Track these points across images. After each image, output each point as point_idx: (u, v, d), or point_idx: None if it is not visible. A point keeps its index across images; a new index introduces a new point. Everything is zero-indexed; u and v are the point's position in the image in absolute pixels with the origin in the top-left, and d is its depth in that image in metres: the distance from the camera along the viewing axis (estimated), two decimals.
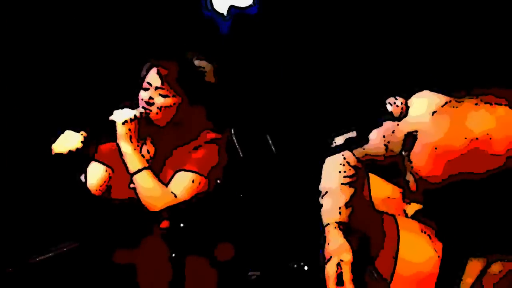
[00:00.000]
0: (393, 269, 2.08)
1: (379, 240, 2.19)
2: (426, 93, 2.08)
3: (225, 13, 3.91)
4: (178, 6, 3.56)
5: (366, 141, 2.00)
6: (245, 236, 2.93)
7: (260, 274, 2.86)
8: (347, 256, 2.16)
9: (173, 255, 2.33)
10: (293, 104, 3.35)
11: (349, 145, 2.06)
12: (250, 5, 3.83)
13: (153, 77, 2.68)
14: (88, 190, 2.71)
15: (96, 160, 2.79)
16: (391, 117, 1.98)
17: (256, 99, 3.47)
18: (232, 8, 3.82)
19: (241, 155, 2.88)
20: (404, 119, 2.01)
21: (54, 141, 2.53)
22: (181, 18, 3.56)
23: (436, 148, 1.84)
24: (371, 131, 2.00)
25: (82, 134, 2.53)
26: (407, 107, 1.96)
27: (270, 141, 3.06)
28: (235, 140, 2.91)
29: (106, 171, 2.78)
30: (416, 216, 2.16)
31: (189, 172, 2.66)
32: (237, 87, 3.49)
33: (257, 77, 3.50)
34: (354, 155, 2.27)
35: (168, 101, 2.68)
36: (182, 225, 2.14)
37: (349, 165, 2.28)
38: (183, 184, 2.64)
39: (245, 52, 3.59)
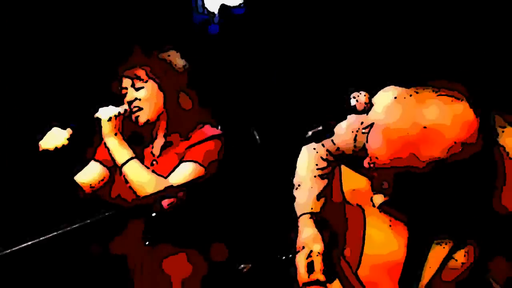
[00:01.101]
0: (360, 258, 2.15)
1: (347, 230, 2.26)
2: (391, 87, 2.12)
3: (216, 12, 4.00)
4: (168, 6, 3.63)
5: (332, 134, 2.07)
6: (232, 230, 3.01)
7: (251, 266, 2.90)
8: (318, 247, 2.22)
9: (147, 243, 2.38)
10: (276, 99, 3.43)
11: (316, 139, 2.13)
12: (240, 4, 3.91)
13: (125, 81, 2.77)
14: (80, 187, 2.77)
15: (95, 160, 2.85)
16: (355, 111, 2.07)
17: (242, 95, 3.54)
18: (222, 7, 3.90)
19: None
20: (372, 111, 2.10)
21: (41, 138, 2.60)
22: (171, 17, 3.62)
23: (387, 131, 1.83)
24: (335, 125, 2.08)
25: (68, 132, 2.60)
26: (371, 102, 2.04)
27: (256, 136, 3.13)
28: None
29: (103, 171, 2.83)
30: (382, 207, 2.22)
31: (191, 162, 2.69)
32: (224, 84, 3.58)
33: (244, 74, 3.57)
34: (325, 148, 2.35)
35: (146, 91, 2.75)
36: (154, 214, 2.19)
37: (321, 158, 2.35)
38: (184, 173, 2.67)
39: (234, 50, 3.66)
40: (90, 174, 2.82)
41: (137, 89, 2.75)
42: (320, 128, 2.07)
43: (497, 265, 1.98)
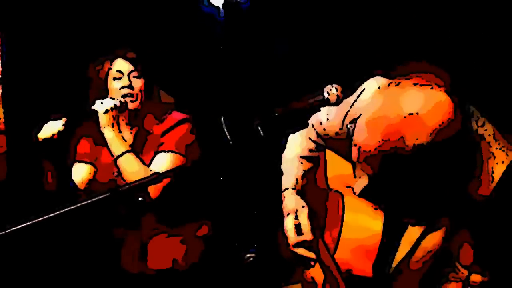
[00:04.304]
0: (337, 242, 2.23)
1: (326, 214, 2.34)
2: (375, 78, 2.15)
3: (220, 7, 4.05)
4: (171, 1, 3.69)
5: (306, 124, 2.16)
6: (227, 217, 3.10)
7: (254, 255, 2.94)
8: (304, 209, 2.31)
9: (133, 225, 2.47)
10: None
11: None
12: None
13: (122, 65, 2.87)
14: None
15: (78, 161, 2.98)
16: (328, 103, 2.16)
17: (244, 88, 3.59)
18: (226, 2, 3.95)
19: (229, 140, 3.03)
20: (358, 101, 2.16)
21: (38, 131, 2.74)
22: (174, 12, 3.67)
23: (371, 122, 1.90)
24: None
25: (62, 120, 2.73)
26: (342, 94, 2.13)
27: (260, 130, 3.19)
28: (225, 127, 3.05)
29: (89, 168, 2.96)
30: (362, 192, 2.22)
31: (168, 153, 2.83)
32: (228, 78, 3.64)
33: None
34: (314, 129, 2.41)
35: (141, 81, 2.88)
36: (140, 198, 2.28)
37: (310, 139, 2.43)
38: (164, 163, 2.80)
39: (239, 45, 3.70)
40: (78, 175, 2.94)
41: (136, 77, 2.86)
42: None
43: (464, 250, 2.05)
